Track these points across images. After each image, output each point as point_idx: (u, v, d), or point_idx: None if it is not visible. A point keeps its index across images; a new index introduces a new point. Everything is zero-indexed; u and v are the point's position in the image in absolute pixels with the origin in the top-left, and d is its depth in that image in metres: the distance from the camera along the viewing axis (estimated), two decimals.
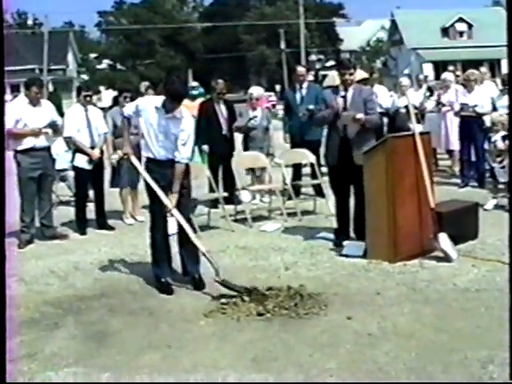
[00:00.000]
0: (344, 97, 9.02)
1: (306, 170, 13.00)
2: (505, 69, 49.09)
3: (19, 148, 10.04)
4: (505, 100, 12.43)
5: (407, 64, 63.99)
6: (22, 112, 10.03)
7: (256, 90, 13.10)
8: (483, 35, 62.60)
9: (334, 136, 9.10)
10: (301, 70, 13.01)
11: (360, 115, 8.84)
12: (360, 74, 11.65)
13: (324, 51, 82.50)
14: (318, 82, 36.36)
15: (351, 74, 9.07)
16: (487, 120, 12.70)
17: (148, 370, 5.55)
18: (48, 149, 10.50)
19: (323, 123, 9.59)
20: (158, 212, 7.77)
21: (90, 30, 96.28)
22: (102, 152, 11.05)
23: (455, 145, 14.01)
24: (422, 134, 8.81)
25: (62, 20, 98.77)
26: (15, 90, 43.85)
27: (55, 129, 10.48)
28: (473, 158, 13.21)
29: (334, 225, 9.50)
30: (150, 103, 7.79)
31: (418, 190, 8.42)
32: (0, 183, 5.00)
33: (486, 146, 11.39)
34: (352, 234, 9.25)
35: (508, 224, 9.35)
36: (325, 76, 35.84)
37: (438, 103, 14.44)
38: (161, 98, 7.69)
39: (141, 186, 11.76)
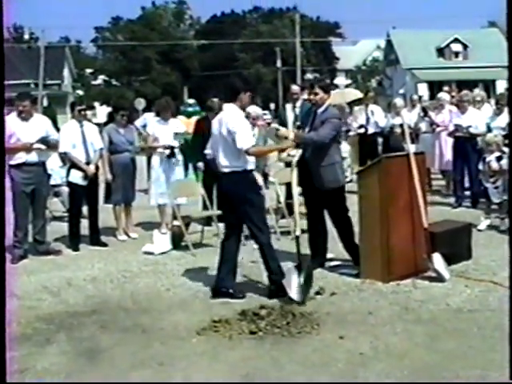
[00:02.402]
0: (299, 127, 9.09)
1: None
2: (499, 89, 49.28)
3: (12, 163, 10.06)
4: (499, 121, 12.50)
5: (402, 84, 64.21)
6: (15, 127, 10.05)
7: (254, 110, 13.09)
8: (478, 56, 62.84)
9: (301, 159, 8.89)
10: (295, 88, 12.97)
11: (280, 128, 8.99)
12: (355, 93, 11.62)
13: (320, 70, 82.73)
14: None
15: (316, 94, 8.92)
16: (480, 141, 12.76)
17: None
18: (42, 164, 10.49)
19: None
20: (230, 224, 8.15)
21: (86, 46, 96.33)
22: (97, 168, 11.06)
23: (449, 165, 14.03)
24: (416, 154, 8.83)
25: (58, 35, 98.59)
26: (10, 104, 43.77)
27: (48, 144, 10.46)
28: (466, 179, 13.26)
29: (310, 250, 9.29)
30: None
31: (412, 210, 8.43)
32: (0, 197, 5.00)
33: (480, 166, 11.41)
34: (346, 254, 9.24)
35: (500, 244, 9.41)
36: None
37: (432, 123, 14.49)
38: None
39: (135, 202, 11.84)
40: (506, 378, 4.96)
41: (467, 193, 13.44)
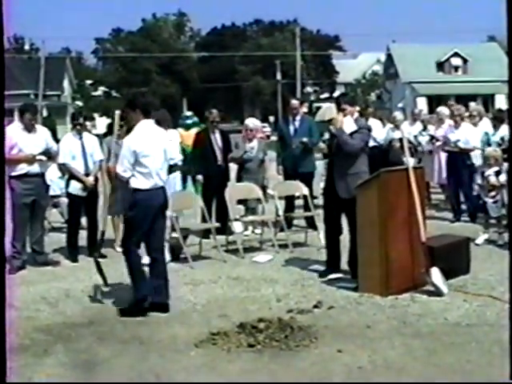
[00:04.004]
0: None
1: (299, 202, 12.99)
2: (498, 104, 49.36)
3: (13, 174, 10.05)
4: (497, 136, 12.50)
5: (401, 98, 64.31)
6: (16, 138, 10.05)
7: (252, 122, 13.13)
8: (478, 70, 63.02)
9: (328, 168, 9.22)
10: (294, 102, 12.99)
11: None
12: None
13: (319, 83, 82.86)
14: (312, 113, 36.43)
15: (344, 110, 9.16)
16: (478, 156, 12.75)
17: None
18: (42, 175, 10.50)
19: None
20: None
21: (86, 57, 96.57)
22: (96, 179, 11.05)
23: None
24: (415, 168, 8.84)
25: (59, 46, 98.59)
26: (10, 114, 43.74)
27: (49, 155, 10.48)
28: (460, 193, 13.25)
29: (326, 257, 9.48)
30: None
31: (410, 224, 8.43)
32: (0, 207, 5.01)
33: (479, 180, 11.43)
34: (346, 267, 9.23)
35: (498, 258, 9.41)
36: (318, 108, 35.99)
37: (432, 137, 14.48)
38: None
39: None
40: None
41: (465, 207, 13.43)
